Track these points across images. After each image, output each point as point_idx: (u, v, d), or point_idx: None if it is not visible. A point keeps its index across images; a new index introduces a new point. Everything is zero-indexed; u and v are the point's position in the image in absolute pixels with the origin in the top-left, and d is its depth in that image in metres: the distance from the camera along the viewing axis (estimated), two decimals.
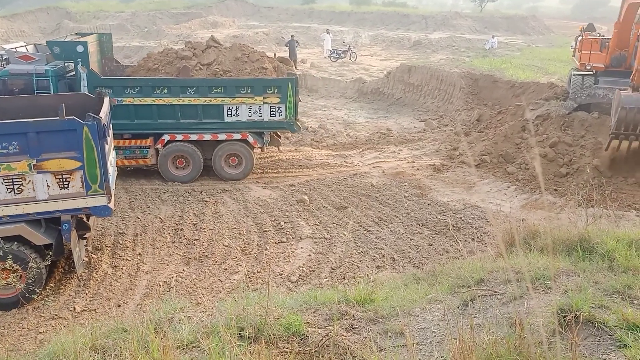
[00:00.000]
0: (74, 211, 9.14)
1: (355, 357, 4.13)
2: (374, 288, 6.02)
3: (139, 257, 10.66)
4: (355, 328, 4.79)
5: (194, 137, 14.26)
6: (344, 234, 11.51)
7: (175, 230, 11.78)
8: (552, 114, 16.34)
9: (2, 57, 14.27)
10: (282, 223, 12.08)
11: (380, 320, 4.91)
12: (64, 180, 8.86)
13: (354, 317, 4.97)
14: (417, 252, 10.84)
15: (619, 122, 12.21)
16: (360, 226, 12.00)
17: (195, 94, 13.83)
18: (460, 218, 12.28)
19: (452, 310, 4.85)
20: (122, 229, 11.78)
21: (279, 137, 15.76)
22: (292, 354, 4.04)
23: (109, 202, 9.25)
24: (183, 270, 10.23)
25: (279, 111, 14.17)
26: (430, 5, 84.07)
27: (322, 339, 4.38)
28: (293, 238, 11.50)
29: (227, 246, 11.08)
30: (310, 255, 10.80)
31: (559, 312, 4.15)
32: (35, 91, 13.11)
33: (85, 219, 10.08)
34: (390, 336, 4.55)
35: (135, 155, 14.33)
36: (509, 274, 5.32)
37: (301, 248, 11.12)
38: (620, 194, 13.24)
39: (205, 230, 11.73)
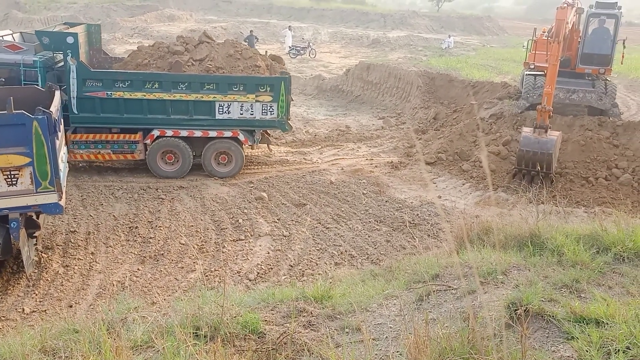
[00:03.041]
0: (22, 209, 8.82)
1: (312, 353, 4.15)
2: (332, 285, 6.05)
3: (91, 256, 10.38)
4: (313, 325, 4.80)
5: (184, 133, 14.05)
6: (303, 231, 11.51)
7: (130, 228, 11.53)
8: (505, 113, 16.78)
9: None
10: (240, 220, 11.99)
11: (338, 316, 4.93)
12: (12, 176, 8.54)
13: (311, 314, 4.98)
14: (375, 248, 10.95)
15: (519, 160, 13.81)
16: (319, 223, 12.03)
17: (186, 90, 13.65)
18: (417, 215, 12.47)
19: (408, 305, 4.93)
20: (74, 227, 11.44)
21: (270, 135, 15.64)
22: (249, 352, 4.02)
23: (60, 200, 8.97)
24: (138, 269, 10.02)
25: (271, 110, 14.06)
26: (389, 3, 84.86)
27: (279, 337, 4.37)
28: (251, 235, 11.43)
29: (183, 244, 10.92)
30: (268, 253, 10.77)
31: (510, 305, 4.26)
32: (23, 82, 12.82)
33: (34, 217, 9.74)
34: (347, 332, 4.59)
35: (123, 150, 14.03)
36: (463, 269, 5.44)
37: (259, 245, 11.06)
38: (570, 191, 13.74)
39: (161, 228, 11.52)
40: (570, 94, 16.21)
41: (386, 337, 4.43)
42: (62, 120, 10.51)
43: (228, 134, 14.19)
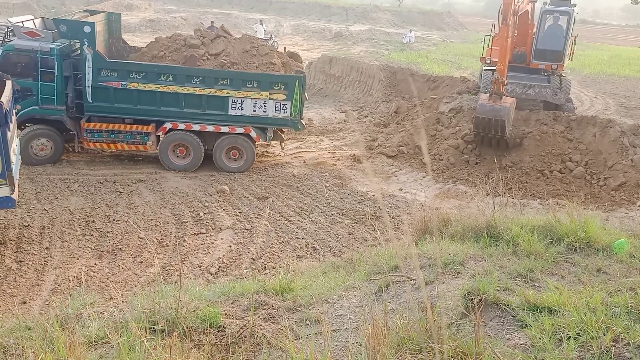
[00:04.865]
0: None
1: (271, 346, 4.14)
2: (294, 277, 6.04)
3: (46, 251, 10.08)
4: (273, 318, 4.79)
5: (196, 127, 13.99)
6: (265, 224, 11.46)
7: (87, 222, 11.23)
8: (464, 107, 17.07)
9: (8, 29, 13.81)
10: (201, 214, 11.84)
11: (299, 309, 4.93)
12: None
13: (272, 306, 4.97)
14: (337, 241, 11.00)
15: (476, 126, 14.47)
16: (282, 216, 12.00)
17: (200, 84, 13.65)
18: (379, 207, 12.58)
19: (368, 296, 4.97)
20: (28, 221, 11.06)
21: (283, 133, 15.52)
22: (207, 346, 3.97)
23: (12, 193, 8.69)
24: (95, 264, 9.78)
25: (284, 108, 14.00)
26: None
27: (239, 330, 4.34)
28: (213, 229, 11.31)
29: (142, 238, 10.71)
30: (230, 246, 10.68)
31: (467, 295, 4.35)
32: (39, 69, 13.16)
33: None
34: (307, 324, 4.59)
35: (135, 140, 14.05)
36: (422, 260, 5.52)
37: (221, 239, 10.96)
38: (525, 183, 14.10)
39: (119, 222, 11.27)
40: (526, 89, 16.61)
41: (346, 328, 4.46)
42: (14, 111, 10.14)
43: (240, 130, 14.12)
